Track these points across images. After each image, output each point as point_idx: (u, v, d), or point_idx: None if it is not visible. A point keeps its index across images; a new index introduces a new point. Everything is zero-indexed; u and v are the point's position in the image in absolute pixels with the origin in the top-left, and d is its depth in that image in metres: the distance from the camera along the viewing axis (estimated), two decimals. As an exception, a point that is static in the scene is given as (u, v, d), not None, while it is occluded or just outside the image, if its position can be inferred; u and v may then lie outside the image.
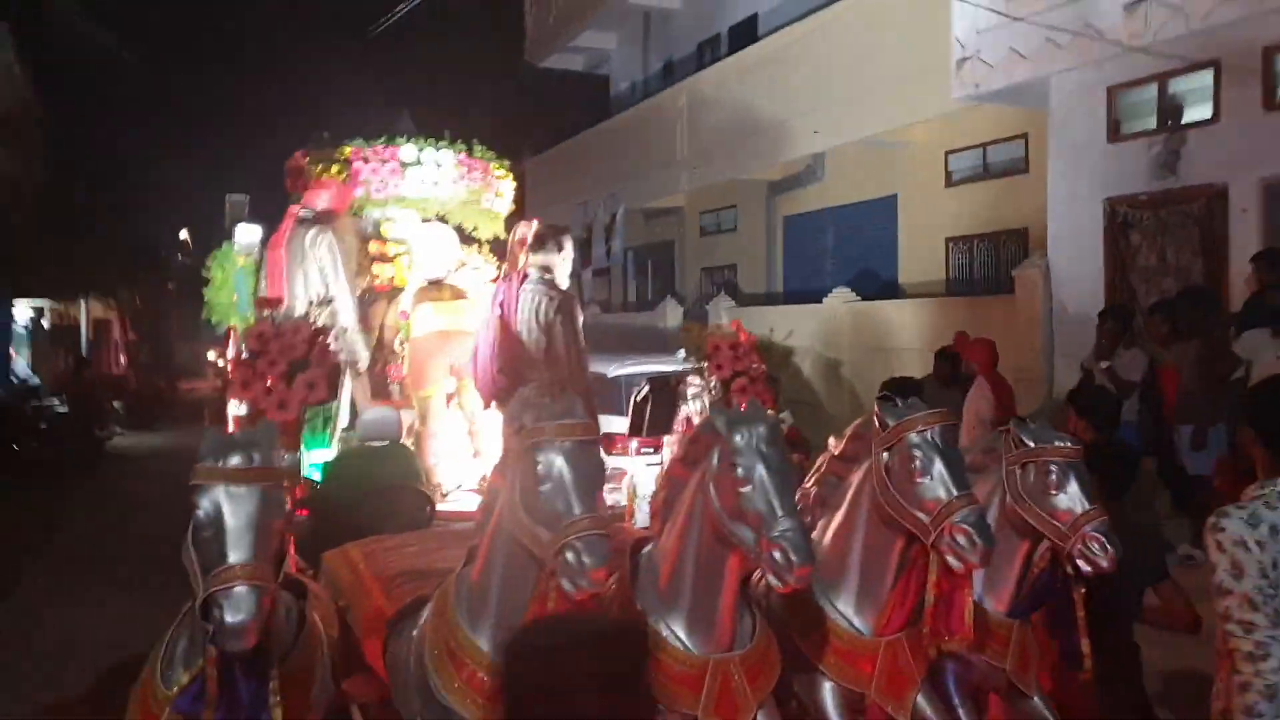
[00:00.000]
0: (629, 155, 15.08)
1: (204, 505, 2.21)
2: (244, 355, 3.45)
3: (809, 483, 3.20)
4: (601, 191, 15.68)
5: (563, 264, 4.75)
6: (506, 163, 6.32)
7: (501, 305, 4.61)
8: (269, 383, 3.35)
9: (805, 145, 11.45)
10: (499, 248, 6.09)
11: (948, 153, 10.71)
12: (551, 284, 4.61)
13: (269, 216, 6.29)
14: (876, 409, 2.85)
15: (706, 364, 4.50)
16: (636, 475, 5.51)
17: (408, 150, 5.70)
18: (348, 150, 5.65)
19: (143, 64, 22.28)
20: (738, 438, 2.46)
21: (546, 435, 2.36)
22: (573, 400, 2.52)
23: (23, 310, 20.87)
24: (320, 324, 3.66)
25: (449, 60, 19.96)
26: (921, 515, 2.67)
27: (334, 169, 5.58)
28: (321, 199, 5.22)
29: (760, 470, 2.41)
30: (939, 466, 2.68)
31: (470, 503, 5.57)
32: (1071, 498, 2.88)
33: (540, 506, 2.31)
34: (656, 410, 4.62)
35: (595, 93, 18.10)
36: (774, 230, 13.78)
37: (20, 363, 21.12)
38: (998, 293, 9.30)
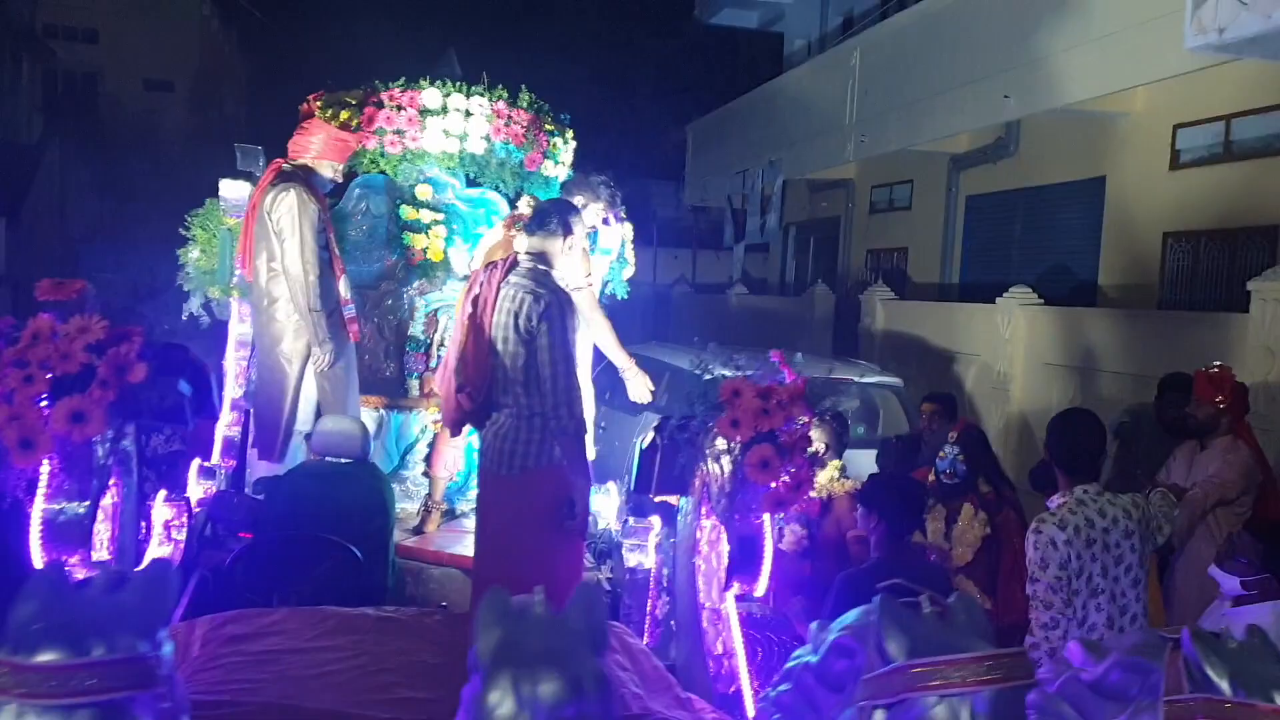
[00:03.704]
0: (794, 120, 13.45)
1: None
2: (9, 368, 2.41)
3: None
4: (762, 159, 14.17)
5: (569, 252, 3.51)
6: (566, 117, 5.09)
7: (474, 302, 3.43)
8: (14, 408, 2.31)
9: (993, 112, 9.53)
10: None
11: (1177, 126, 8.53)
12: (544, 278, 3.38)
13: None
14: (1190, 647, 1.46)
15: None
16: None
17: (431, 95, 4.58)
18: (360, 93, 4.61)
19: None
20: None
21: None
22: None
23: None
24: (137, 323, 2.61)
25: (614, 17, 18.82)
26: None
27: (344, 114, 4.55)
28: (312, 148, 4.19)
29: None
30: None
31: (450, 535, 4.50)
32: None
33: None
34: (668, 462, 3.34)
35: (768, 53, 16.49)
36: (954, 211, 11.84)
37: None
38: (1229, 309, 7.22)
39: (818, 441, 4.15)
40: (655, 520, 4.25)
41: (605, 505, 4.72)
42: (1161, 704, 1.55)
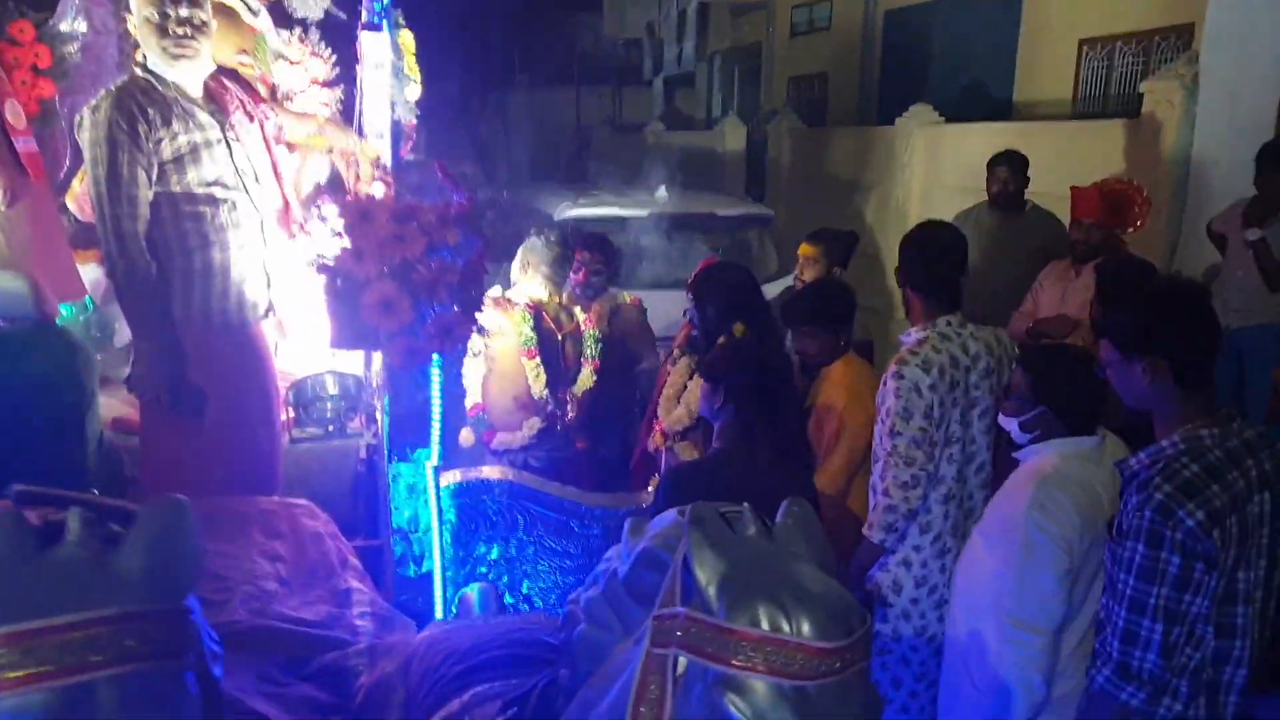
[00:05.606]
0: (708, -67, 12.35)
1: None
2: None
3: (584, 596, 1.42)
4: (676, -19, 13.09)
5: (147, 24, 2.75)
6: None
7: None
8: None
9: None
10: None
11: (1094, -83, 7.71)
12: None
13: None
14: (687, 535, 1.08)
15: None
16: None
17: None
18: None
19: None
20: None
21: None
22: None
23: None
24: None
25: None
26: None
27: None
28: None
29: None
30: None
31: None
32: None
33: None
34: (343, 311, 2.76)
35: None
36: (872, 30, 10.97)
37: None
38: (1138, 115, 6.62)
39: (536, 268, 3.54)
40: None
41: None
42: (651, 620, 1.12)
